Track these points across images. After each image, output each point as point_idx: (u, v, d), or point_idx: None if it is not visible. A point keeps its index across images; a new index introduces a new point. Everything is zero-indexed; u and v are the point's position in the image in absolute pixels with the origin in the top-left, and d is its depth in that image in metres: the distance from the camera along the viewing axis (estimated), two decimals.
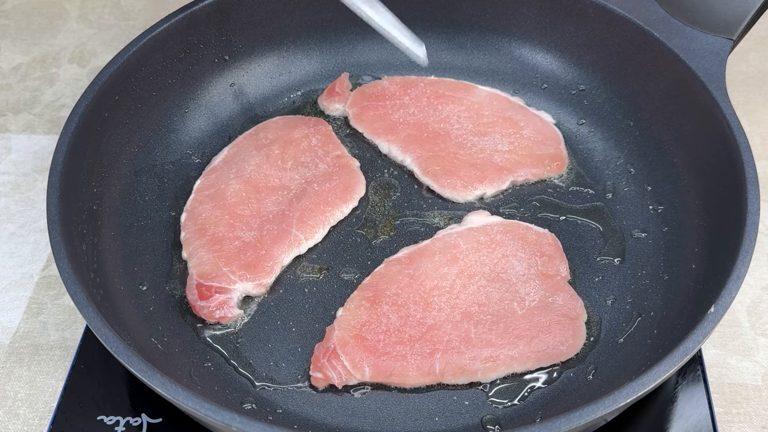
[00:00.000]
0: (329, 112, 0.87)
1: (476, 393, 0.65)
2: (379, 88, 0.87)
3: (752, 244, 0.61)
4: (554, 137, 0.83)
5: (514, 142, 0.82)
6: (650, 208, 0.77)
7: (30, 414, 0.69)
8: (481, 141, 0.82)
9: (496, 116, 0.84)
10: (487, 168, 0.79)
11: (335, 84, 0.87)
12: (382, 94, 0.86)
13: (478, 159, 0.80)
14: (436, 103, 0.85)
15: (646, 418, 0.67)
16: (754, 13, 0.77)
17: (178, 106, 0.83)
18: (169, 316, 0.70)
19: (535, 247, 0.72)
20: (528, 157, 0.81)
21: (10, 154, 0.90)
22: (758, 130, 0.91)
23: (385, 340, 0.66)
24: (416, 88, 0.87)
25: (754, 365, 0.72)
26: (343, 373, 0.64)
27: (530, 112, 0.85)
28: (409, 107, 0.85)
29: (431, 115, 0.84)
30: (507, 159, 0.80)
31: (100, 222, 0.71)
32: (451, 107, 0.85)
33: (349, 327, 0.67)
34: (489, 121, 0.84)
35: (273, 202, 0.77)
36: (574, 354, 0.67)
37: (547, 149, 0.81)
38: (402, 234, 0.76)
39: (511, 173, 0.79)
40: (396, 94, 0.86)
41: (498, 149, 0.81)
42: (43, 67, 1.01)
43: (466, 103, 0.85)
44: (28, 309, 0.76)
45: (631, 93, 0.83)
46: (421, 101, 0.86)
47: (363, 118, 0.85)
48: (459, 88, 0.87)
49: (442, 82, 0.88)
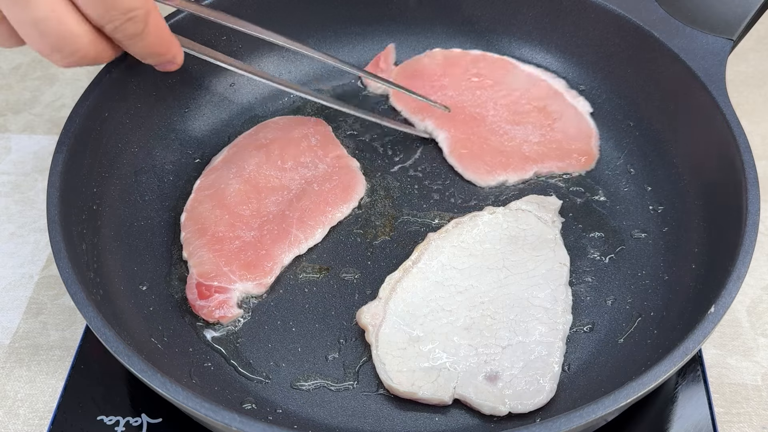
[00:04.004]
0: (371, 89, 0.88)
1: None
2: (420, 65, 0.88)
3: (752, 244, 0.61)
4: (587, 131, 0.83)
5: (545, 134, 0.83)
6: (650, 208, 0.77)
7: (30, 414, 0.69)
8: (513, 129, 0.83)
9: (531, 105, 0.85)
10: (513, 156, 0.81)
11: (380, 57, 0.88)
12: (422, 71, 0.87)
13: (507, 147, 0.82)
14: (475, 88, 0.86)
15: (646, 418, 0.67)
16: (754, 13, 0.77)
17: (178, 106, 0.83)
18: (169, 316, 0.70)
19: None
20: (556, 150, 0.81)
21: (10, 154, 0.90)
22: (758, 130, 0.91)
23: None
24: (457, 67, 0.87)
25: (754, 365, 0.72)
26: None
27: (567, 101, 0.85)
28: (447, 89, 0.86)
29: (468, 99, 0.85)
30: (535, 150, 0.81)
31: (100, 222, 0.71)
32: (489, 93, 0.86)
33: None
34: (524, 110, 0.84)
35: (273, 202, 0.77)
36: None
37: (577, 144, 0.82)
38: (402, 234, 0.76)
39: (536, 164, 0.80)
40: (437, 72, 0.87)
41: (528, 139, 0.82)
42: (43, 67, 1.01)
43: (505, 89, 0.86)
44: (28, 309, 0.76)
45: (631, 93, 0.83)
46: (460, 84, 0.86)
47: (402, 96, 0.86)
48: (500, 67, 0.87)
49: (484, 58, 0.88)
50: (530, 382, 0.63)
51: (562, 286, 0.69)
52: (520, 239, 0.73)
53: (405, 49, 0.91)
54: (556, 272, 0.70)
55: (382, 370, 0.65)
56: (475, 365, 0.64)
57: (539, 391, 0.63)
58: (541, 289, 0.69)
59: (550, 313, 0.67)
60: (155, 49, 0.64)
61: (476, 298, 0.68)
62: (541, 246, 0.72)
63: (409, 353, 0.65)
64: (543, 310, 0.67)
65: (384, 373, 0.65)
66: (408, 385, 0.64)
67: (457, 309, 0.68)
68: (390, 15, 0.90)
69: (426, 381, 0.64)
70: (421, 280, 0.70)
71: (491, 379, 0.64)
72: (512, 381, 0.63)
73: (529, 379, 0.63)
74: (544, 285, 0.69)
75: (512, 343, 0.65)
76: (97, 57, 0.61)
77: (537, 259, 0.71)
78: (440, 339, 0.66)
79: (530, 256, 0.71)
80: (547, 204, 0.75)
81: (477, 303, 0.68)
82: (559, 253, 0.72)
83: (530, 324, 0.66)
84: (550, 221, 0.74)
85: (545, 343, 0.65)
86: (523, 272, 0.70)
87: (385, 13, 0.90)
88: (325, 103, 0.78)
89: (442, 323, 0.67)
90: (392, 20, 0.91)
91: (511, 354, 0.65)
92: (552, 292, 0.69)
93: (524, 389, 0.63)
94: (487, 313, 0.67)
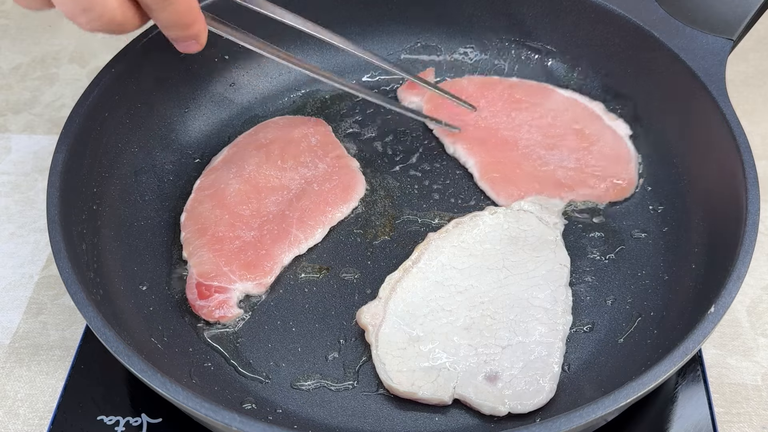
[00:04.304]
0: (406, 103, 0.87)
1: None
2: (458, 87, 0.87)
3: (752, 244, 0.61)
4: (625, 157, 0.79)
5: (581, 159, 0.79)
6: (650, 208, 0.77)
7: (30, 414, 0.69)
8: (548, 154, 0.80)
9: (567, 128, 0.82)
10: (547, 182, 0.78)
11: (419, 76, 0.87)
12: (459, 93, 0.85)
13: (541, 172, 0.79)
14: (510, 110, 0.84)
15: (646, 418, 0.67)
16: (754, 13, 0.77)
17: (178, 106, 0.83)
18: (169, 316, 0.70)
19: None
20: (592, 176, 0.78)
21: (10, 154, 0.90)
22: (758, 130, 0.91)
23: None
24: (493, 91, 0.86)
25: (754, 365, 0.72)
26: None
27: (605, 124, 0.82)
28: (482, 110, 0.84)
29: (503, 121, 0.83)
30: (570, 176, 0.78)
31: (100, 222, 0.71)
32: (525, 115, 0.84)
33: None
34: (559, 133, 0.82)
35: (273, 202, 0.77)
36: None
37: (614, 170, 0.78)
38: (402, 234, 0.76)
39: (571, 191, 0.77)
40: (473, 94, 0.86)
41: (563, 165, 0.79)
42: (43, 67, 1.01)
43: (540, 111, 0.84)
44: (28, 309, 0.76)
45: (631, 93, 0.83)
46: (496, 105, 0.85)
47: (436, 115, 0.84)
48: (536, 92, 0.86)
49: (521, 85, 0.87)
50: (530, 382, 0.63)
51: (562, 287, 0.69)
52: (521, 240, 0.73)
53: (402, 45, 0.91)
54: (557, 273, 0.70)
55: (381, 369, 0.65)
56: (475, 365, 0.64)
57: (539, 392, 0.63)
58: (541, 289, 0.69)
59: (550, 314, 0.67)
60: (183, 17, 0.61)
61: (476, 298, 0.68)
62: (542, 247, 0.72)
63: (408, 353, 0.65)
64: (543, 310, 0.67)
65: (384, 372, 0.65)
66: (408, 385, 0.64)
67: (457, 309, 0.68)
68: (390, 15, 0.90)
69: (426, 381, 0.64)
70: (421, 280, 0.70)
71: (491, 379, 0.64)
72: (512, 381, 0.63)
73: (529, 380, 0.63)
74: (544, 286, 0.69)
75: (512, 343, 0.65)
76: (123, 23, 0.58)
77: (537, 259, 0.71)
78: (440, 339, 0.66)
79: (531, 256, 0.71)
80: (550, 206, 0.75)
81: (477, 303, 0.68)
82: (559, 254, 0.72)
83: (530, 324, 0.66)
84: (551, 223, 0.74)
85: (545, 344, 0.65)
86: (523, 273, 0.70)
87: (385, 13, 0.90)
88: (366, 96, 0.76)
89: (442, 323, 0.67)
90: (392, 20, 0.90)
91: (510, 354, 0.65)
92: (552, 293, 0.69)
93: (524, 389, 0.63)
94: (487, 313, 0.67)
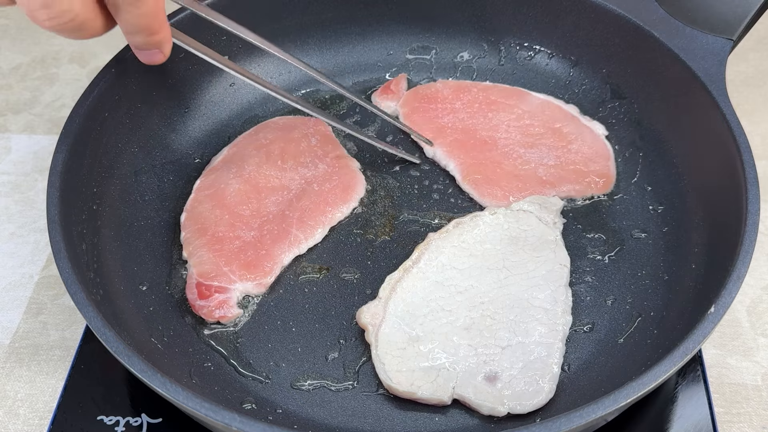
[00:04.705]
0: (382, 107, 0.87)
1: None
2: (432, 90, 0.87)
3: (752, 244, 0.61)
4: (603, 153, 0.81)
5: (560, 156, 0.80)
6: (650, 208, 0.77)
7: (30, 414, 0.69)
8: (528, 153, 0.81)
9: (545, 127, 0.83)
10: (529, 180, 0.78)
11: (391, 82, 0.88)
12: (434, 96, 0.86)
13: (522, 170, 0.79)
14: (487, 110, 0.85)
15: (646, 418, 0.67)
16: (754, 13, 0.77)
17: (178, 106, 0.83)
18: (169, 316, 0.70)
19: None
20: (573, 172, 0.79)
21: (10, 154, 0.90)
22: (758, 130, 0.91)
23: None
24: (469, 93, 0.86)
25: (754, 365, 0.72)
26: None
27: (581, 123, 0.83)
28: (459, 112, 0.85)
29: (480, 122, 0.84)
30: (552, 173, 0.79)
31: (100, 222, 0.71)
32: (502, 115, 0.84)
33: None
34: (538, 132, 0.82)
35: (273, 202, 0.77)
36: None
37: (594, 166, 0.80)
38: (402, 234, 0.76)
39: (553, 188, 0.78)
40: (448, 97, 0.86)
41: (544, 162, 0.80)
42: (43, 67, 1.01)
43: (517, 112, 0.84)
44: (28, 309, 0.76)
45: (631, 93, 0.83)
46: (473, 107, 0.85)
47: (413, 119, 0.85)
48: (511, 95, 0.86)
49: (495, 87, 0.87)
50: (529, 382, 0.63)
51: (562, 287, 0.69)
52: (521, 240, 0.72)
53: (402, 46, 0.91)
54: (557, 273, 0.70)
55: (381, 369, 0.65)
56: (475, 365, 0.64)
57: (538, 392, 0.63)
58: (541, 290, 0.69)
59: (550, 314, 0.67)
60: (149, 22, 0.60)
61: (476, 299, 0.68)
62: (542, 247, 0.72)
63: (408, 353, 0.65)
64: (543, 311, 0.67)
65: (383, 372, 0.65)
66: (407, 385, 0.64)
67: (456, 309, 0.68)
68: (390, 15, 0.90)
69: (425, 381, 0.64)
70: (421, 280, 0.70)
71: (490, 379, 0.64)
72: (511, 381, 0.63)
73: (528, 380, 0.63)
74: (544, 286, 0.69)
75: (512, 343, 0.65)
76: (84, 23, 0.56)
77: (537, 260, 0.71)
78: (440, 339, 0.66)
79: (531, 257, 0.71)
80: (548, 205, 0.75)
81: (477, 303, 0.68)
82: (559, 254, 0.72)
83: (530, 325, 0.66)
84: (551, 222, 0.74)
85: (545, 344, 0.65)
86: (523, 273, 0.70)
87: (385, 13, 0.90)
88: (322, 118, 0.75)
89: (442, 323, 0.67)
90: (392, 20, 0.91)
91: (510, 354, 0.65)
92: (552, 293, 0.69)
93: (523, 390, 0.63)
94: (487, 313, 0.67)
